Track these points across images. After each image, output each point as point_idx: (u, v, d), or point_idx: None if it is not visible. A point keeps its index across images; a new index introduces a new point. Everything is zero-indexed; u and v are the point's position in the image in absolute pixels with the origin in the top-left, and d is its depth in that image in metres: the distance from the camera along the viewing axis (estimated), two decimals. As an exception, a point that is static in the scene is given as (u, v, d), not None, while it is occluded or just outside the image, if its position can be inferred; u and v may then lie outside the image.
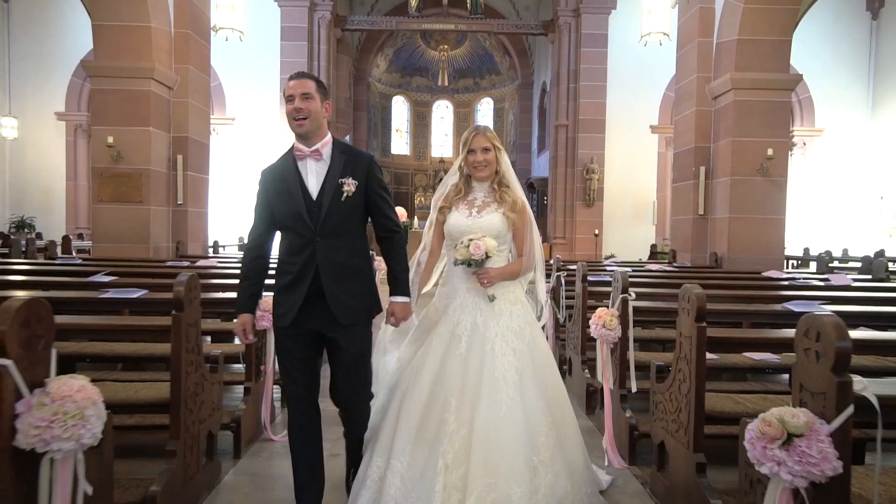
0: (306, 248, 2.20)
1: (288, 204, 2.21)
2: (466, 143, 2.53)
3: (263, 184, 2.30)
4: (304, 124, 2.19)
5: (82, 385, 1.38)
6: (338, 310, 2.20)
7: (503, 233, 2.46)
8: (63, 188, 13.47)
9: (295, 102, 2.19)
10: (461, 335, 2.35)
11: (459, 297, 2.44)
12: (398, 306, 2.36)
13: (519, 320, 2.40)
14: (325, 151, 2.26)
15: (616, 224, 13.44)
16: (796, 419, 1.34)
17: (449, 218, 2.53)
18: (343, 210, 2.21)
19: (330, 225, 2.20)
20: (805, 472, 1.29)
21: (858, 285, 4.32)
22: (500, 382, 2.24)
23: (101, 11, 6.33)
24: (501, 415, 2.18)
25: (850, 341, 1.34)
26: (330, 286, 2.19)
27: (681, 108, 7.75)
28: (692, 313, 2.13)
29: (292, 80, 2.25)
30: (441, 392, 2.27)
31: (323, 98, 2.24)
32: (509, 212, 2.47)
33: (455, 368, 2.29)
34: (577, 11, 13.08)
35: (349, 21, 14.35)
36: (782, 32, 6.53)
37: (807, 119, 13.70)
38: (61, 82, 13.18)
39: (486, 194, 2.53)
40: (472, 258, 2.31)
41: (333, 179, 2.21)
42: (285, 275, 2.24)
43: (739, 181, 6.68)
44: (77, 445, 1.36)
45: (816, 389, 1.40)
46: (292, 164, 2.25)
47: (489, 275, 2.37)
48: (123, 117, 6.45)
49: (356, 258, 2.28)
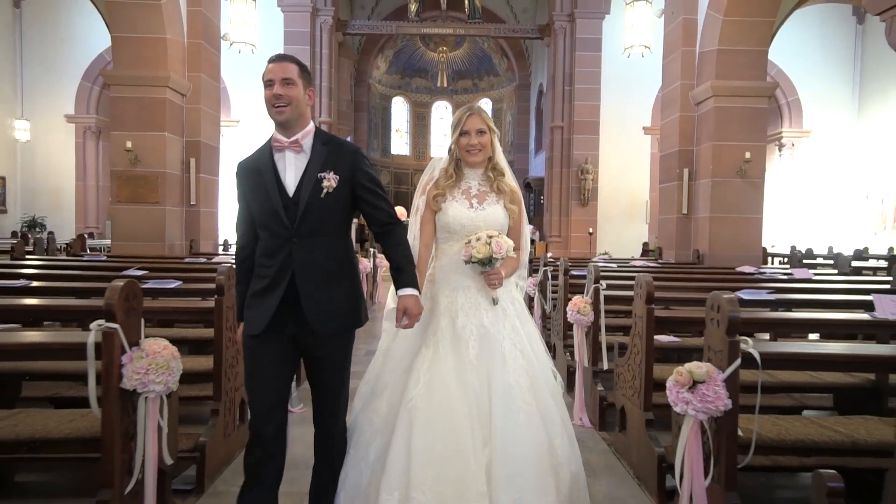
0: (282, 249, 1.98)
1: (263, 200, 2.01)
2: (459, 123, 2.29)
3: (239, 178, 2.10)
4: (284, 111, 1.97)
5: (166, 345, 1.85)
6: (315, 318, 1.97)
7: (504, 226, 2.29)
8: (73, 188, 13.87)
9: (274, 88, 1.98)
10: (468, 340, 2.14)
11: (461, 298, 2.22)
12: (411, 300, 2.07)
13: (520, 319, 2.26)
14: (306, 143, 2.04)
15: (610, 223, 13.83)
16: (700, 369, 1.78)
17: (447, 209, 2.30)
18: (323, 207, 1.99)
19: (308, 224, 1.99)
20: (705, 408, 1.73)
21: (817, 278, 4.76)
22: (515, 389, 2.07)
23: (120, 24, 6.74)
24: (520, 423, 2.02)
25: (740, 311, 1.77)
26: (307, 291, 1.97)
27: (666, 114, 8.18)
28: (643, 297, 2.57)
29: (272, 62, 2.03)
30: (459, 406, 2.03)
31: (306, 84, 2.03)
32: (510, 204, 2.31)
33: (468, 378, 2.08)
34: (571, 16, 13.48)
35: (350, 25, 14.76)
36: (759, 43, 6.95)
37: (795, 120, 14.09)
38: (71, 85, 13.56)
39: (480, 182, 2.34)
40: (492, 257, 2.09)
41: (313, 173, 1.99)
42: (260, 279, 2.03)
43: (719, 182, 7.10)
44: (164, 388, 1.84)
45: (716, 348, 1.85)
46: (269, 157, 2.04)
47: (500, 276, 2.17)
48: (140, 123, 6.87)
49: (338, 261, 2.06)
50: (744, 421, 1.90)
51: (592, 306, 3.30)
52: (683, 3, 7.55)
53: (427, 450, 1.97)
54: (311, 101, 2.07)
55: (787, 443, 2.01)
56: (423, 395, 2.06)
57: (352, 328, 2.11)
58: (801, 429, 2.07)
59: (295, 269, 1.97)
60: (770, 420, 2.17)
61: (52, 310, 3.08)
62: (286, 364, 2.07)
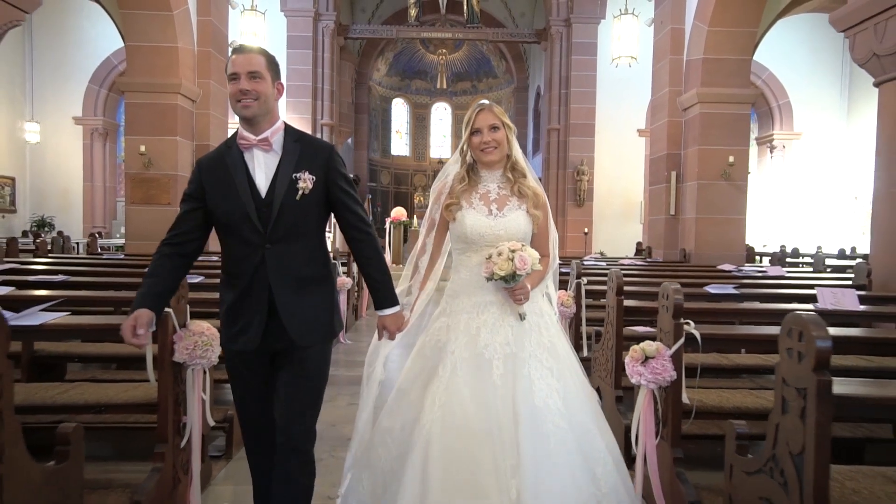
0: (254, 255, 1.86)
1: (232, 202, 1.86)
2: (469, 122, 2.12)
3: (200, 175, 1.93)
4: (251, 106, 1.85)
5: (208, 326, 2.21)
6: (294, 328, 1.87)
7: (528, 233, 2.11)
8: (80, 189, 14.20)
9: (240, 82, 1.84)
10: (491, 359, 1.94)
11: (482, 314, 2.03)
12: (389, 319, 2.02)
13: (548, 334, 2.05)
14: (276, 140, 1.91)
15: (605, 223, 14.15)
16: (650, 347, 2.13)
17: (463, 217, 2.10)
18: (298, 210, 1.87)
19: (282, 228, 1.86)
20: (655, 379, 2.09)
21: (789, 274, 5.12)
22: (544, 411, 1.87)
23: (134, 33, 7.09)
24: (551, 449, 1.81)
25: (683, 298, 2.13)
26: (284, 301, 1.86)
27: (655, 118, 8.53)
28: (614, 289, 2.92)
29: (236, 54, 1.89)
30: (480, 433, 1.84)
31: (274, 77, 1.91)
32: (533, 209, 2.10)
33: (490, 402, 1.89)
34: (567, 21, 13.81)
35: (351, 30, 15.08)
36: (743, 52, 7.29)
37: (786, 123, 14.44)
38: (78, 88, 13.88)
39: (499, 185, 2.13)
40: (516, 274, 1.90)
41: (286, 174, 1.87)
42: (232, 289, 1.91)
43: (705, 185, 7.45)
44: (207, 362, 2.21)
45: (665, 329, 2.21)
46: (237, 154, 1.90)
47: (527, 290, 1.99)
48: (153, 128, 7.22)
49: (314, 266, 1.95)
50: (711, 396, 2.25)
51: (575, 300, 3.65)
52: (671, 14, 7.90)
53: (444, 482, 1.79)
54: (279, 95, 1.95)
55: (725, 409, 2.37)
56: (440, 419, 1.88)
57: (328, 338, 2.00)
58: (739, 399, 2.44)
59: (269, 277, 1.85)
60: (716, 392, 2.53)
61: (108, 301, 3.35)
62: (269, 373, 1.97)
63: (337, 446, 3.15)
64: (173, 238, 1.95)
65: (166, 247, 1.95)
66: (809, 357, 1.38)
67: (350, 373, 4.76)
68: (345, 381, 4.51)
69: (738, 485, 1.70)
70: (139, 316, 1.82)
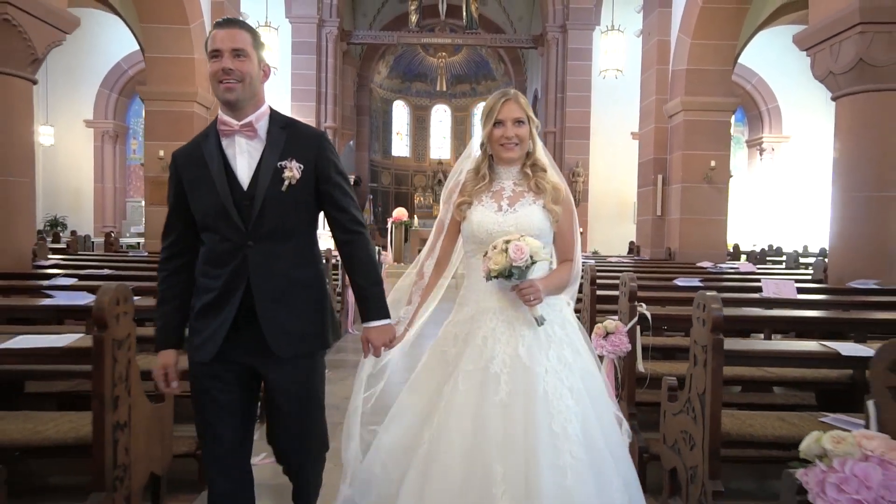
0: (234, 255, 1.68)
1: (208, 196, 1.68)
2: (493, 112, 1.89)
3: (175, 170, 1.77)
4: (234, 88, 1.66)
5: None
6: (275, 338, 1.68)
7: (545, 231, 1.88)
8: (91, 189, 14.68)
9: (223, 60, 1.66)
10: (499, 374, 1.73)
11: (489, 322, 1.82)
12: (374, 332, 1.80)
13: (571, 348, 1.82)
14: (261, 126, 1.73)
15: (600, 223, 14.60)
16: (611, 324, 2.63)
17: (472, 215, 1.90)
18: (285, 204, 1.70)
19: (267, 224, 1.69)
20: (614, 350, 2.58)
21: (758, 271, 5.62)
22: (561, 439, 1.64)
23: (154, 46, 7.58)
24: (568, 484, 1.59)
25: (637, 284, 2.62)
26: (266, 307, 1.68)
27: (643, 124, 9.03)
28: (588, 280, 3.41)
29: (219, 28, 1.71)
30: (480, 457, 1.64)
31: (260, 57, 1.73)
32: (551, 203, 1.88)
33: (495, 421, 1.67)
34: (563, 28, 14.28)
35: (354, 35, 15.56)
36: (724, 63, 7.78)
37: (775, 126, 14.94)
38: (90, 92, 14.35)
39: (516, 182, 1.93)
40: (512, 266, 1.69)
41: (271, 163, 1.69)
42: (205, 293, 1.72)
43: (688, 187, 7.94)
44: None
45: (623, 311, 2.71)
46: (215, 143, 1.71)
47: (536, 288, 1.74)
48: (171, 133, 7.68)
49: (304, 268, 1.76)
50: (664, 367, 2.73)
51: None
52: (658, 26, 8.39)
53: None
54: (266, 77, 1.76)
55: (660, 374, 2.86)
56: (439, 438, 1.71)
57: (318, 350, 1.81)
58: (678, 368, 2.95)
59: (251, 280, 1.67)
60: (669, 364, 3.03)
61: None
62: (248, 403, 1.78)
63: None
64: (171, 248, 1.80)
65: (166, 264, 1.80)
66: (709, 322, 1.88)
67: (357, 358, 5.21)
68: (352, 365, 4.95)
69: (668, 424, 2.21)
70: (167, 365, 1.75)
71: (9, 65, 4.52)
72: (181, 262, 1.78)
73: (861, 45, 4.45)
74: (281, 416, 1.78)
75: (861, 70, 4.55)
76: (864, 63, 4.50)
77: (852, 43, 4.51)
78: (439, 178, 22.10)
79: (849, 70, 4.61)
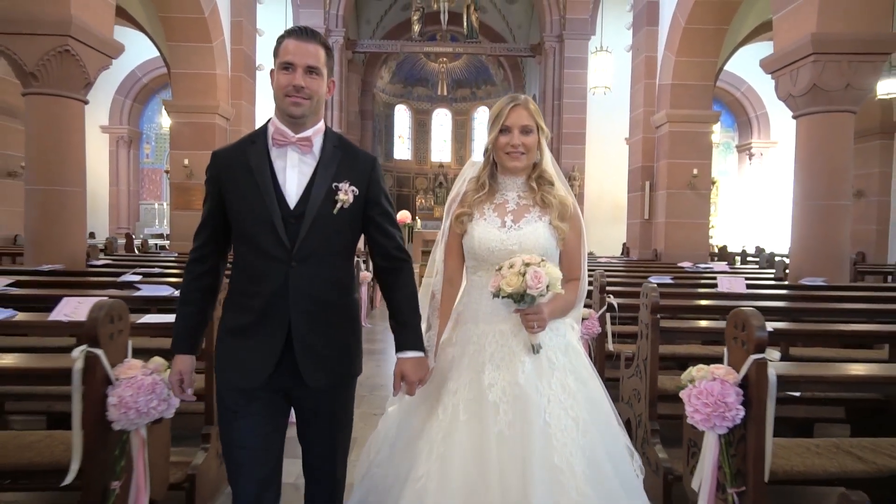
0: (276, 274, 1.60)
1: (253, 206, 1.61)
2: (499, 117, 1.80)
3: (215, 172, 1.69)
4: (302, 104, 1.61)
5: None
6: (312, 367, 1.62)
7: (550, 251, 1.80)
8: (106, 193, 15.31)
9: (296, 76, 1.59)
10: (497, 403, 1.65)
11: (490, 345, 1.75)
12: (409, 364, 1.72)
13: (575, 376, 1.74)
14: (316, 142, 1.67)
15: (595, 225, 15.14)
16: (585, 311, 3.25)
17: (473, 229, 1.83)
18: (333, 226, 1.64)
19: (311, 245, 1.61)
20: (587, 333, 3.20)
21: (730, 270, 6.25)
22: (565, 473, 1.55)
23: (178, 63, 8.22)
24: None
25: (607, 281, 3.26)
26: (303, 333, 1.61)
27: (633, 134, 9.66)
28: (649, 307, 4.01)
29: (293, 38, 1.60)
30: (478, 494, 1.57)
31: (329, 73, 1.67)
32: (558, 220, 1.80)
33: (493, 454, 1.60)
34: (560, 37, 14.88)
35: (359, 45, 16.18)
36: (705, 79, 8.41)
37: (763, 132, 15.58)
38: (105, 99, 14.95)
39: (520, 194, 1.85)
40: (526, 292, 1.60)
41: (324, 182, 1.63)
42: (241, 311, 1.64)
43: (673, 193, 8.57)
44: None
45: (595, 300, 3.34)
46: (263, 151, 1.64)
47: (542, 317, 1.67)
48: (194, 143, 8.33)
49: (342, 294, 1.70)
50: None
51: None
52: (646, 43, 9.03)
53: None
54: (330, 92, 1.69)
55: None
56: (436, 473, 1.62)
57: (354, 376, 1.77)
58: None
59: (290, 302, 1.59)
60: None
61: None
62: (280, 428, 1.72)
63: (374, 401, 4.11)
64: (200, 251, 1.75)
65: (196, 264, 1.75)
66: (650, 305, 2.51)
67: (367, 346, 5.86)
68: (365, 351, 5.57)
69: (624, 386, 2.87)
70: (183, 371, 1.70)
71: (66, 88, 5.15)
72: (204, 268, 1.74)
73: (815, 72, 5.08)
74: (310, 443, 1.76)
75: (815, 93, 5.18)
76: (818, 87, 5.13)
77: (807, 70, 5.14)
78: (440, 181, 22.75)
79: (805, 93, 5.24)
